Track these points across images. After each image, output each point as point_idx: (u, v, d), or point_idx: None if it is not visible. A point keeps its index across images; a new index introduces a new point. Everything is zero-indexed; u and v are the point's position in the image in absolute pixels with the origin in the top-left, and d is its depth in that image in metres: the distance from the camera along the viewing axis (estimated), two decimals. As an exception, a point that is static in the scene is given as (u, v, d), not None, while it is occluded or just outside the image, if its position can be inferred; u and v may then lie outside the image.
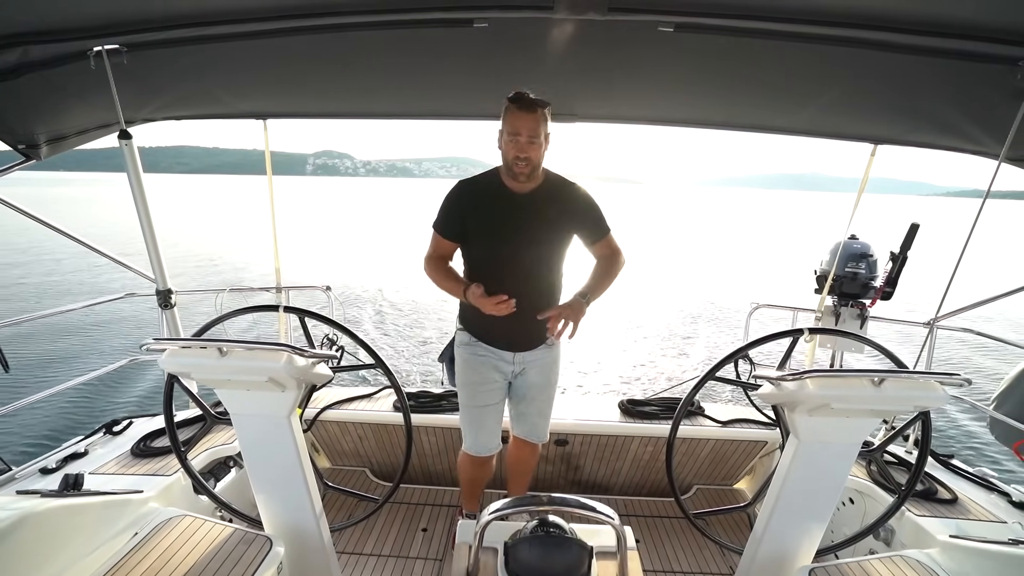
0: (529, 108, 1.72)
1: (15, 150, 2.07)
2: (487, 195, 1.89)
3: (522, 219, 1.87)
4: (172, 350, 1.48)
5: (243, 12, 1.52)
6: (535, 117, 1.72)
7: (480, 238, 1.91)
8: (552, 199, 1.89)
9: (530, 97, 1.73)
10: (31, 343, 7.51)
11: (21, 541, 1.38)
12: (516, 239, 1.87)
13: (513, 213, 1.87)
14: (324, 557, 1.78)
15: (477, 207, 1.89)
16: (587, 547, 1.19)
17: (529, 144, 1.74)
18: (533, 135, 1.73)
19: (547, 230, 1.89)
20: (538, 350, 2.03)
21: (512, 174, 1.81)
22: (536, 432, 2.17)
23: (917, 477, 1.72)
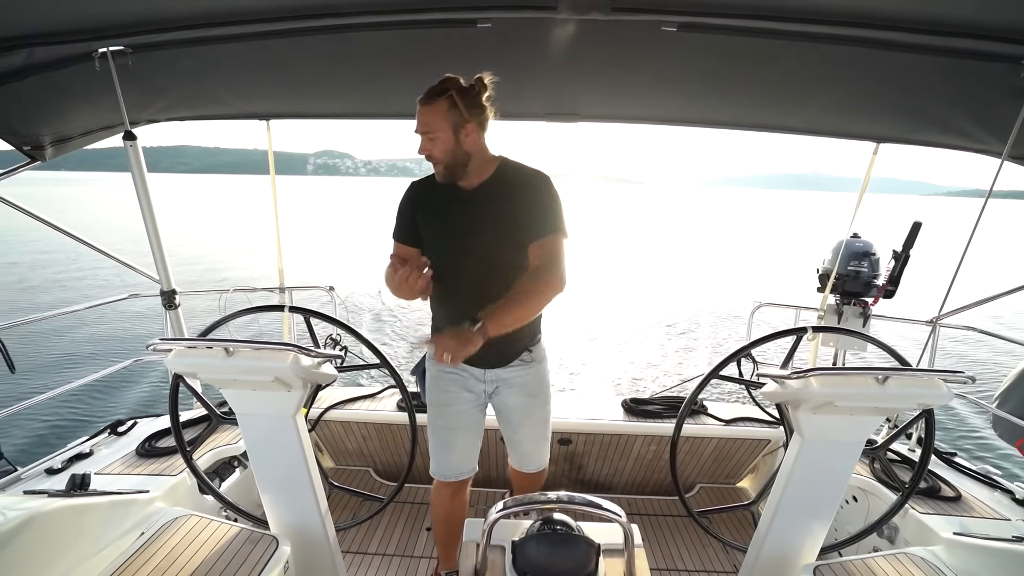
0: (424, 100, 1.53)
1: (20, 151, 2.08)
2: (436, 194, 1.68)
3: (469, 217, 1.64)
4: (179, 350, 1.49)
5: (247, 13, 1.53)
6: (429, 109, 1.52)
7: (429, 241, 1.70)
8: (502, 192, 1.63)
9: (436, 85, 1.54)
10: (36, 344, 7.54)
11: (29, 541, 1.39)
12: (463, 239, 1.65)
13: (460, 211, 1.65)
14: (329, 556, 1.79)
15: (426, 209, 1.70)
16: (595, 545, 1.20)
17: (428, 140, 1.54)
18: (427, 129, 1.53)
19: (497, 227, 1.63)
20: (513, 367, 1.79)
21: None
22: (528, 462, 1.94)
23: (921, 474, 1.72)
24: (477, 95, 1.58)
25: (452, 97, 1.51)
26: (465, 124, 1.54)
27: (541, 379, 1.87)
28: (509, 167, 1.68)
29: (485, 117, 1.60)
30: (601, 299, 13.04)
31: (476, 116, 1.57)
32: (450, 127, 1.53)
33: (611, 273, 17.41)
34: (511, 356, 1.78)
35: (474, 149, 1.59)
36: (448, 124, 1.53)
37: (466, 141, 1.56)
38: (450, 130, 1.53)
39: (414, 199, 1.73)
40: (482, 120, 1.59)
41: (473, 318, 1.50)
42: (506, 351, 1.76)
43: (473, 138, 1.58)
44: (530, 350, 1.82)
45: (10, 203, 2.14)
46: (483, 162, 1.64)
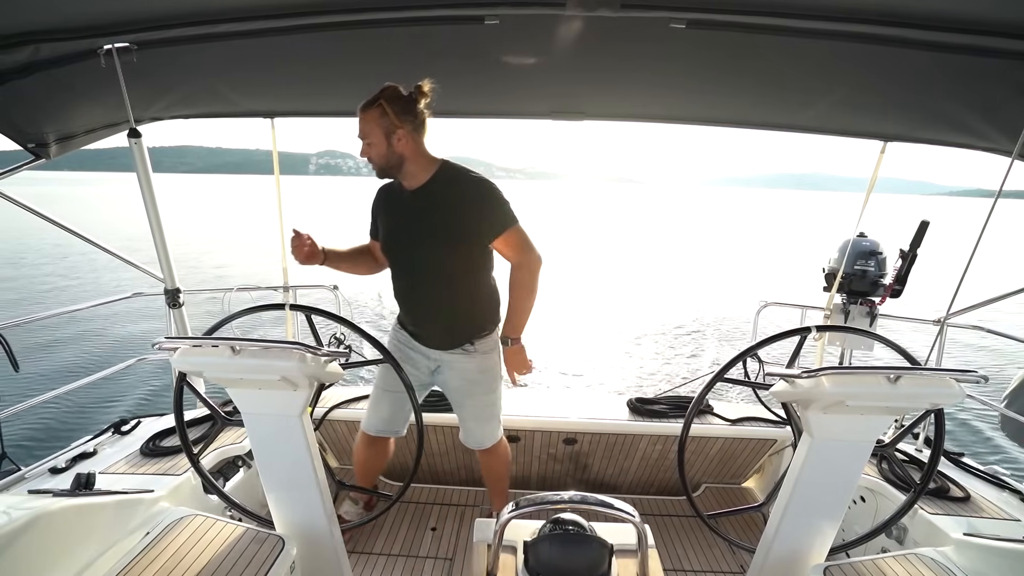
0: (361, 108, 1.71)
1: (25, 149, 2.07)
2: (388, 196, 1.91)
3: (409, 217, 1.83)
4: (184, 349, 1.48)
5: (252, 10, 1.52)
6: (365, 117, 1.71)
7: (383, 238, 1.94)
8: (441, 194, 1.79)
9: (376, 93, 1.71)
10: (40, 342, 7.55)
11: (35, 540, 1.38)
12: (404, 238, 1.85)
13: (403, 212, 1.85)
14: (335, 556, 1.78)
15: (381, 209, 1.93)
16: (608, 545, 1.19)
17: (366, 146, 1.74)
18: (364, 135, 1.72)
19: (434, 226, 1.79)
20: (455, 353, 1.97)
21: None
22: (471, 438, 2.14)
23: (931, 474, 1.71)
24: (411, 102, 1.73)
25: (382, 105, 1.68)
26: (396, 130, 1.70)
27: (485, 369, 2.01)
28: (449, 171, 1.81)
29: (419, 122, 1.75)
30: (606, 299, 13.04)
31: (408, 122, 1.72)
32: (382, 133, 1.70)
33: (615, 273, 17.42)
34: (454, 344, 1.95)
35: (407, 153, 1.75)
36: (380, 130, 1.70)
37: (398, 145, 1.72)
38: (383, 136, 1.70)
39: (376, 200, 1.97)
40: (416, 125, 1.74)
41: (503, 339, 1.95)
42: (449, 338, 1.94)
43: (405, 143, 1.73)
44: (473, 342, 1.97)
45: (15, 201, 2.14)
46: (420, 166, 1.79)
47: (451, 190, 1.79)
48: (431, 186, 1.80)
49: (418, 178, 1.80)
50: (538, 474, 2.80)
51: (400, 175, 1.79)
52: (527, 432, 2.61)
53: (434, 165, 1.81)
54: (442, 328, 1.90)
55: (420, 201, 1.81)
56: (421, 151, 1.79)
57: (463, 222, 1.79)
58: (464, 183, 1.80)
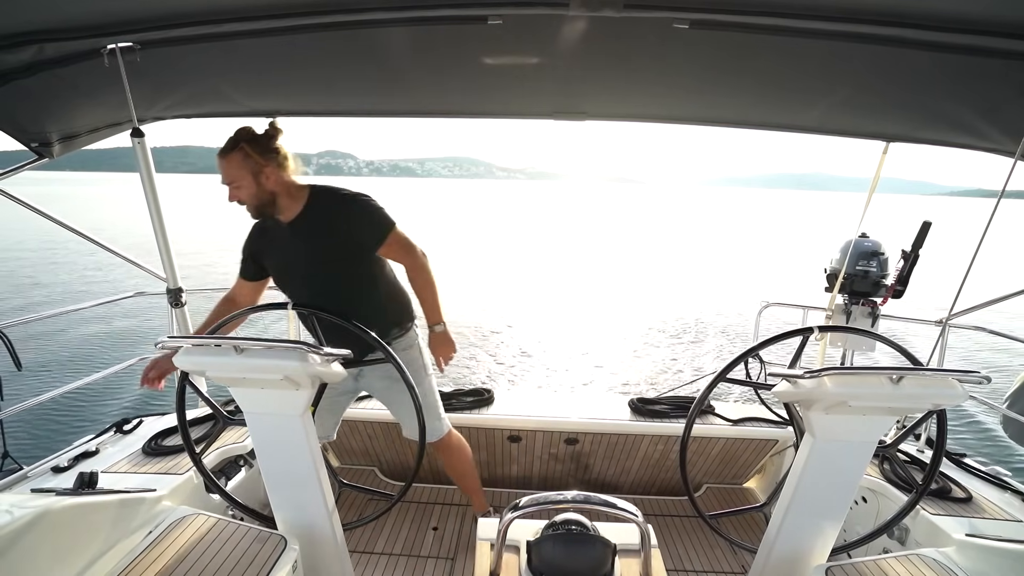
0: (221, 154, 1.72)
1: (28, 148, 2.08)
2: (266, 231, 1.91)
3: (295, 250, 1.85)
4: (187, 348, 1.48)
5: (255, 9, 1.52)
6: (227, 162, 1.71)
7: (272, 276, 1.97)
8: (318, 219, 1.82)
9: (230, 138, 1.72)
10: (42, 341, 7.56)
11: (38, 539, 1.38)
12: (295, 270, 1.89)
13: (287, 246, 1.86)
14: (337, 556, 1.78)
15: (261, 246, 1.93)
16: (611, 545, 1.19)
17: (234, 190, 1.75)
18: (230, 180, 1.73)
19: (319, 250, 1.83)
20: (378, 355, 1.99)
21: None
22: (408, 430, 2.14)
23: (933, 475, 1.71)
24: (269, 140, 1.77)
25: (244, 148, 1.71)
26: (263, 169, 1.73)
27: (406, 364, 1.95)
28: (321, 195, 1.85)
29: (282, 157, 1.78)
30: (607, 299, 13.04)
31: (271, 159, 1.75)
32: (250, 174, 1.72)
33: (616, 273, 17.41)
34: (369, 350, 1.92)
35: (278, 188, 1.78)
36: (247, 172, 1.72)
37: (267, 183, 1.75)
38: (250, 177, 1.72)
39: (252, 241, 1.96)
40: (279, 161, 1.77)
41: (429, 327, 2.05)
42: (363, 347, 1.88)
43: (274, 179, 1.76)
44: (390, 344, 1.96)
45: (18, 200, 2.14)
46: (292, 198, 1.82)
47: (327, 213, 1.83)
48: (307, 213, 1.83)
49: (292, 209, 1.82)
50: (540, 474, 2.80)
51: (274, 211, 1.81)
52: (529, 432, 2.61)
53: (304, 192, 1.84)
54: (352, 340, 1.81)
55: (301, 231, 1.83)
56: (289, 184, 1.81)
57: (347, 240, 1.84)
58: (338, 203, 1.85)
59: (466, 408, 2.64)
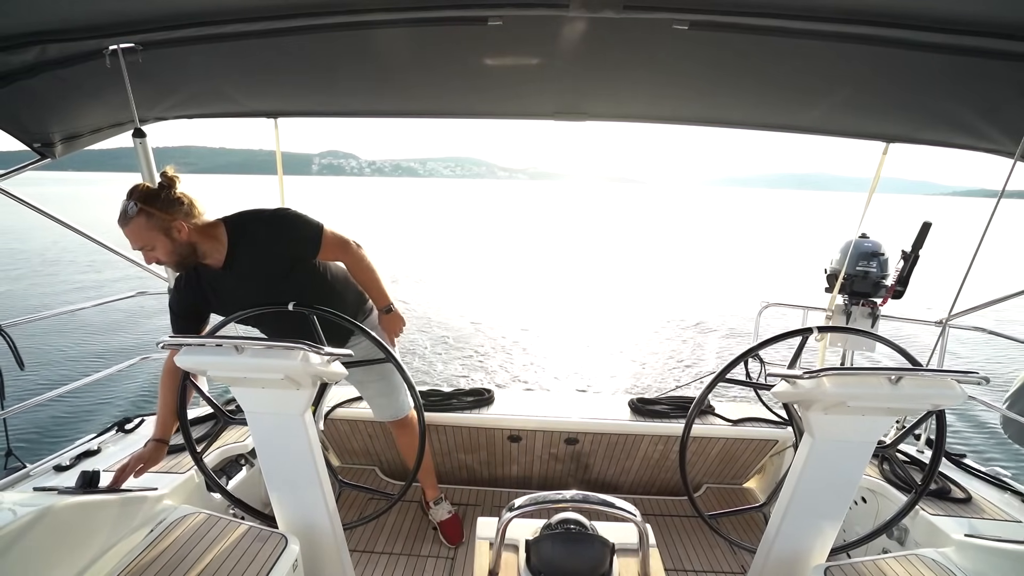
0: (122, 222, 1.59)
1: (31, 149, 2.09)
2: (201, 283, 1.80)
3: (242, 288, 1.79)
4: (188, 348, 1.49)
5: (256, 10, 1.53)
6: (132, 229, 1.59)
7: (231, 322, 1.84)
8: (249, 253, 1.75)
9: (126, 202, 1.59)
10: (44, 341, 7.58)
11: (40, 537, 1.39)
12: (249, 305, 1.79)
13: (231, 291, 1.80)
14: (338, 554, 1.79)
15: (200, 298, 1.82)
16: (609, 544, 1.19)
17: (148, 253, 1.65)
18: (142, 245, 1.62)
19: (263, 283, 1.79)
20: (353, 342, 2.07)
21: None
22: (385, 412, 2.25)
23: (932, 475, 1.71)
24: (166, 190, 1.64)
25: (144, 210, 1.58)
26: (170, 224, 1.62)
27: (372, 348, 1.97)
28: (239, 228, 1.75)
29: (187, 206, 1.67)
30: (608, 299, 13.04)
31: (177, 212, 1.64)
32: (161, 233, 1.61)
33: (617, 273, 17.41)
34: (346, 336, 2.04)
35: (195, 238, 1.68)
36: (158, 231, 1.61)
37: (181, 237, 1.64)
38: (162, 236, 1.62)
39: (186, 296, 1.82)
40: (186, 210, 1.66)
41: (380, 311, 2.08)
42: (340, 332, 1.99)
43: (186, 231, 1.65)
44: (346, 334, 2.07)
45: (21, 200, 2.15)
46: (211, 239, 1.72)
47: (258, 242, 1.75)
48: (234, 251, 1.74)
49: (218, 251, 1.73)
50: (539, 474, 2.80)
51: (197, 259, 1.73)
52: (528, 432, 2.62)
53: (220, 230, 1.74)
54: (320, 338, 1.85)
55: (241, 270, 1.76)
56: (203, 229, 1.71)
57: (285, 261, 1.79)
58: (260, 225, 1.77)
59: (466, 408, 2.65)
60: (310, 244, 1.81)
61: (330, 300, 1.90)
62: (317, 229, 1.82)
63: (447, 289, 13.49)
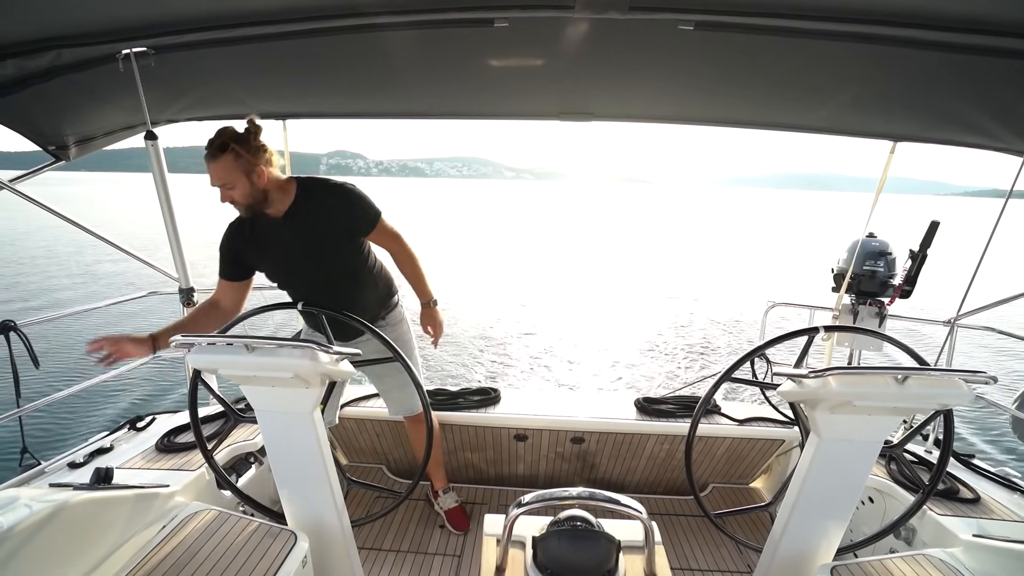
0: (210, 157, 1.72)
1: (45, 151, 2.13)
2: (253, 229, 1.91)
3: (289, 242, 1.88)
4: (200, 347, 1.51)
5: (266, 14, 1.55)
6: (218, 165, 1.71)
7: (265, 270, 1.99)
8: (309, 210, 1.87)
9: (214, 139, 1.71)
10: (58, 340, 7.67)
11: (56, 532, 1.42)
12: (291, 261, 1.92)
13: (280, 239, 1.89)
14: (346, 551, 1.81)
15: (248, 243, 1.92)
16: (615, 541, 1.20)
17: (226, 191, 1.75)
18: (223, 182, 1.73)
19: (314, 240, 1.89)
20: (364, 338, 2.08)
21: None
22: (401, 407, 2.29)
23: (940, 475, 1.70)
24: (255, 137, 1.77)
25: (234, 149, 1.71)
26: (254, 167, 1.75)
27: (396, 339, 2.09)
28: (309, 187, 1.89)
29: (269, 155, 1.80)
30: (614, 298, 13.02)
31: (260, 157, 1.76)
32: (242, 174, 1.73)
33: (623, 273, 17.38)
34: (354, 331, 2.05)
35: (268, 185, 1.80)
36: (240, 172, 1.73)
37: (259, 182, 1.77)
38: (243, 176, 1.74)
39: (234, 239, 1.93)
40: (267, 159, 1.79)
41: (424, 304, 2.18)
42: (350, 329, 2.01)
43: (264, 176, 1.78)
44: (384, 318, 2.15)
45: (35, 201, 2.19)
46: (282, 192, 1.85)
47: (320, 204, 1.88)
48: (299, 206, 1.87)
49: (283, 203, 1.86)
50: (545, 473, 2.81)
51: (266, 207, 1.84)
52: (535, 431, 2.63)
53: (292, 186, 1.87)
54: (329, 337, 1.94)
55: (295, 223, 1.87)
56: (278, 180, 1.84)
57: (339, 228, 1.91)
58: (328, 194, 1.90)
59: (472, 407, 2.66)
60: (365, 224, 1.94)
61: (362, 281, 2.02)
62: (376, 213, 1.95)
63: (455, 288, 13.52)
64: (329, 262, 1.93)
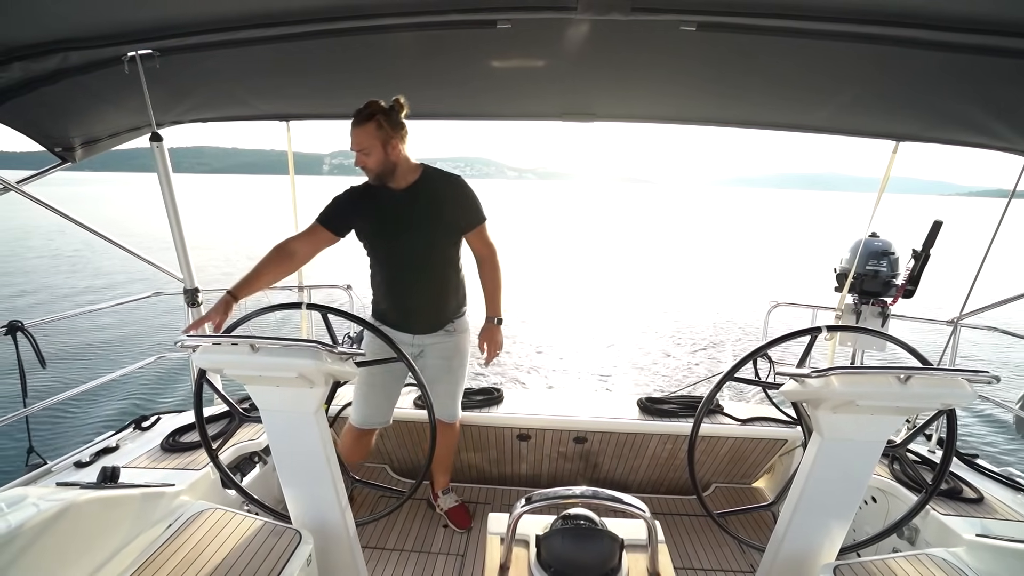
0: (357, 123, 1.87)
1: (52, 153, 2.14)
2: (371, 195, 2.03)
3: (399, 210, 2.00)
4: (205, 346, 1.52)
5: (269, 17, 1.56)
6: (361, 131, 1.86)
7: (370, 235, 2.06)
8: (428, 192, 2.00)
9: (362, 109, 1.86)
10: (64, 340, 7.72)
11: (64, 530, 1.43)
12: (398, 231, 2.01)
13: (392, 206, 2.00)
14: (350, 550, 1.82)
15: (363, 207, 2.04)
16: (618, 539, 1.21)
17: (363, 156, 1.89)
18: (362, 147, 1.88)
19: (425, 220, 2.00)
20: (437, 335, 2.17)
21: None
22: (446, 411, 2.30)
23: (943, 474, 1.70)
24: (398, 114, 1.92)
25: (378, 119, 1.86)
26: (391, 140, 1.89)
27: (460, 347, 2.24)
28: (431, 173, 2.04)
29: (405, 132, 1.95)
30: (617, 298, 13.02)
31: (398, 132, 1.92)
32: (380, 143, 1.88)
33: (626, 273, 17.37)
34: (437, 326, 2.16)
35: (399, 159, 1.94)
36: (378, 141, 1.87)
37: (392, 154, 1.91)
38: (380, 146, 1.88)
39: (354, 198, 2.06)
40: (403, 135, 1.94)
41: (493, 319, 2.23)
42: (434, 321, 2.15)
43: (398, 150, 1.93)
44: (453, 322, 2.20)
45: (41, 202, 2.20)
46: (408, 170, 2.00)
47: (434, 188, 2.01)
48: (420, 186, 2.00)
49: (407, 180, 2.00)
50: (548, 472, 2.82)
51: (393, 180, 1.97)
52: (538, 431, 2.64)
53: (418, 169, 2.02)
54: (431, 311, 2.12)
55: (409, 197, 2.00)
56: (407, 158, 1.98)
57: (447, 216, 2.04)
58: (447, 183, 2.04)
59: (476, 407, 2.67)
60: (473, 219, 2.08)
61: (451, 273, 2.13)
62: (483, 216, 2.11)
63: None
64: (433, 238, 2.03)
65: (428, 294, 2.10)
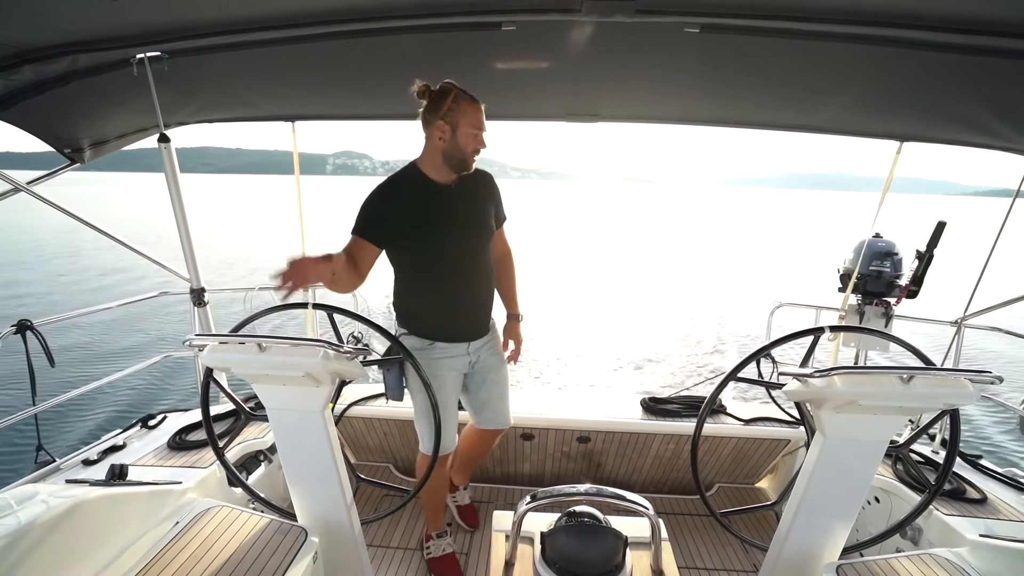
0: (479, 101, 1.80)
1: (61, 153, 2.17)
2: (415, 193, 1.83)
3: (457, 210, 1.87)
4: (213, 345, 1.54)
5: (276, 19, 1.57)
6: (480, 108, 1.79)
7: (419, 237, 1.82)
8: (474, 186, 1.92)
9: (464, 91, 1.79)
10: (71, 339, 7.78)
11: (74, 527, 1.46)
12: (456, 231, 1.87)
13: (448, 206, 1.85)
14: (355, 548, 1.83)
15: (408, 206, 1.81)
16: (622, 537, 1.22)
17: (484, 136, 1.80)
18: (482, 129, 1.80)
19: (479, 216, 1.93)
20: (484, 336, 2.09)
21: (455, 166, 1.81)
22: (502, 417, 2.21)
23: (946, 474, 1.70)
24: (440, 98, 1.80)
25: None
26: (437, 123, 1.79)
27: (499, 348, 2.18)
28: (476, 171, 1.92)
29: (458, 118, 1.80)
30: (620, 298, 13.00)
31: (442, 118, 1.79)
32: None
33: (629, 273, 17.35)
34: (487, 326, 2.08)
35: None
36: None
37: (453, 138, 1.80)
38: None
39: (390, 197, 1.82)
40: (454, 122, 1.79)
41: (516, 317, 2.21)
42: (483, 322, 2.06)
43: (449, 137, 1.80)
44: (491, 317, 2.12)
45: (50, 202, 2.23)
46: None
47: (480, 182, 1.93)
48: (466, 178, 1.88)
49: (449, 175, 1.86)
50: (552, 472, 2.83)
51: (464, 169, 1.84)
52: (541, 430, 2.65)
53: None
54: (484, 313, 2.03)
55: (460, 194, 1.87)
56: None
57: (489, 211, 1.97)
58: (485, 178, 1.96)
59: None
60: (501, 213, 2.05)
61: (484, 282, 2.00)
62: (504, 214, 2.07)
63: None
64: (483, 231, 1.95)
65: (484, 294, 2.00)
